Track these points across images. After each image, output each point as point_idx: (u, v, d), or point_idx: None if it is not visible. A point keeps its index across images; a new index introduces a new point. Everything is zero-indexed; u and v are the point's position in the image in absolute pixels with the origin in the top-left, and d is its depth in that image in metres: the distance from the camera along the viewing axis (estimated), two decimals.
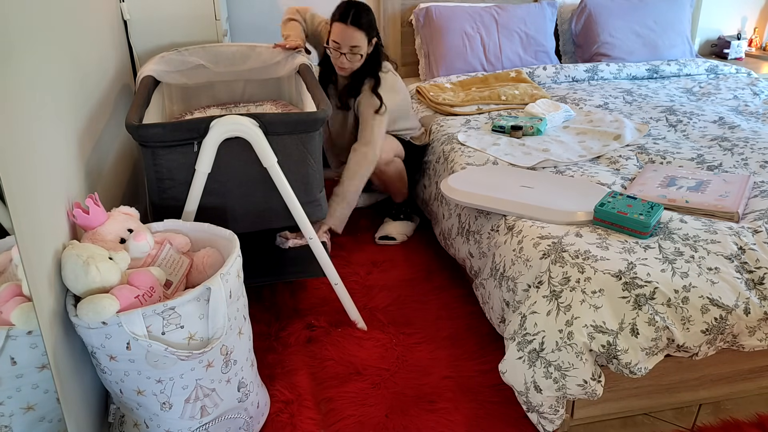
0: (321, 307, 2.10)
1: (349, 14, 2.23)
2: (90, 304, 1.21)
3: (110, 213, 1.47)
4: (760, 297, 1.50)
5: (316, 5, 3.25)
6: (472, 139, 2.33)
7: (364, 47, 2.28)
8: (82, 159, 1.61)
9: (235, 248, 1.44)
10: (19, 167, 1.13)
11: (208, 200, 1.69)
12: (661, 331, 1.44)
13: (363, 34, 2.25)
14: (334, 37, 2.27)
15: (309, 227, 1.80)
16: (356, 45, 2.26)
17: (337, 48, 2.28)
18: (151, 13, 2.39)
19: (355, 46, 2.26)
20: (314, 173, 1.77)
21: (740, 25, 3.89)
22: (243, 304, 1.47)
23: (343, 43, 2.26)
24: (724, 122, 2.43)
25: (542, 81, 3.04)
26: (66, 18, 1.64)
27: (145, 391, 1.32)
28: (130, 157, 2.22)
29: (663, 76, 3.15)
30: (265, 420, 1.62)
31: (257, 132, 1.63)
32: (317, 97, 1.87)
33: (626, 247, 1.57)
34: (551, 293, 1.50)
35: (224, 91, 2.45)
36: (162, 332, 1.26)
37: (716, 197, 1.76)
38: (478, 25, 3.13)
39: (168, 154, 1.63)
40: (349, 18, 2.23)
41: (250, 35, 3.21)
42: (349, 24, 2.23)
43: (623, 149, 2.21)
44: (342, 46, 2.26)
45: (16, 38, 1.22)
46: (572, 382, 1.44)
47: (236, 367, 1.45)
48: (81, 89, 1.70)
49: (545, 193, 1.83)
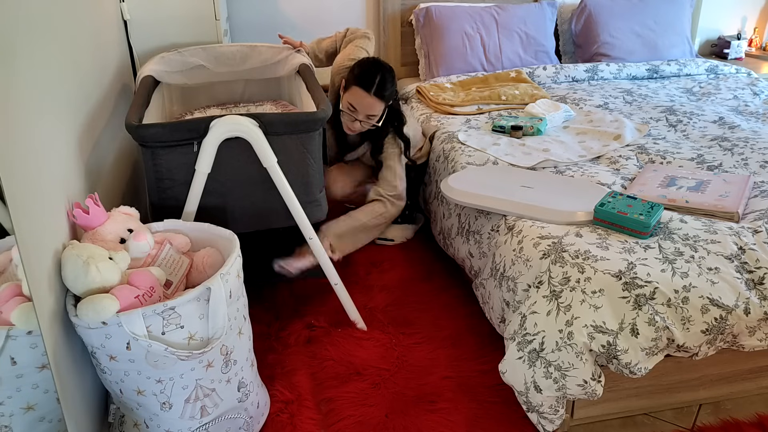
0: (321, 307, 2.10)
1: (374, 84, 2.06)
2: (90, 304, 1.21)
3: (110, 213, 1.47)
4: (760, 297, 1.50)
5: (318, 5, 3.26)
6: (473, 139, 2.33)
7: (380, 113, 2.13)
8: (82, 159, 1.61)
9: (235, 248, 1.44)
10: (19, 167, 1.13)
11: (208, 200, 1.69)
12: (661, 331, 1.44)
13: (383, 105, 2.11)
14: (351, 100, 2.10)
15: (309, 227, 1.80)
16: (374, 114, 2.12)
17: (352, 112, 2.12)
18: (151, 13, 2.39)
19: (372, 115, 2.12)
20: (314, 173, 1.77)
21: (740, 25, 3.89)
22: (243, 304, 1.47)
23: (360, 110, 2.11)
24: (724, 122, 2.43)
25: (542, 81, 3.04)
26: (66, 18, 1.64)
27: (145, 391, 1.32)
28: (130, 157, 2.22)
29: (663, 76, 3.15)
30: (265, 420, 1.62)
31: (257, 132, 1.63)
32: (317, 97, 1.87)
33: (626, 247, 1.57)
34: (551, 293, 1.50)
35: (224, 91, 2.45)
36: (162, 332, 1.26)
37: (716, 197, 1.76)
38: (478, 25, 3.13)
39: (168, 154, 1.63)
40: (373, 88, 2.06)
41: (250, 35, 3.21)
42: (372, 94, 2.07)
43: (623, 149, 2.21)
44: (359, 113, 2.11)
45: (16, 38, 1.22)
46: (572, 382, 1.44)
47: (236, 367, 1.45)
48: (81, 89, 1.70)
49: (545, 193, 1.83)
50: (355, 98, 2.09)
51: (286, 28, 3.26)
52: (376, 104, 2.09)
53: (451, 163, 2.22)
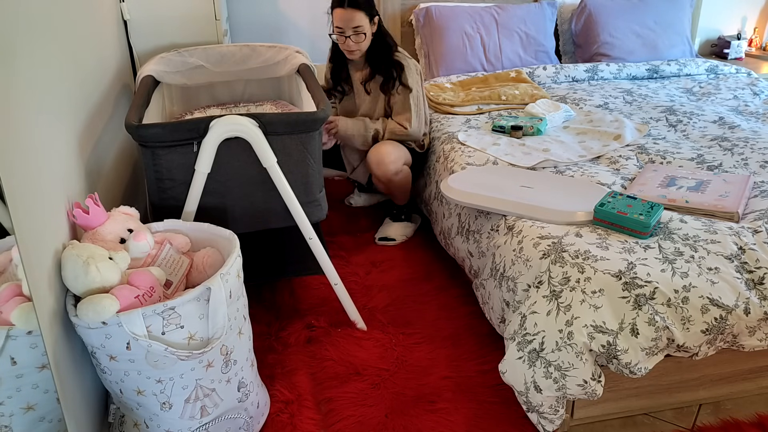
0: (321, 307, 2.10)
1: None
2: (90, 304, 1.21)
3: (110, 213, 1.47)
4: (760, 297, 1.50)
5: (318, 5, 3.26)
6: (472, 139, 2.33)
7: (366, 26, 2.31)
8: (82, 159, 1.61)
9: (235, 248, 1.44)
10: (19, 167, 1.13)
11: (208, 200, 1.69)
12: (661, 331, 1.44)
13: (363, 14, 2.29)
14: (336, 23, 2.32)
15: (309, 227, 1.80)
16: (358, 25, 2.29)
17: (341, 33, 2.32)
18: (151, 13, 2.39)
19: (357, 26, 2.29)
20: (314, 173, 1.77)
21: (740, 25, 3.89)
22: (243, 304, 1.47)
23: (345, 27, 2.30)
24: (724, 122, 2.43)
25: (542, 81, 3.04)
26: (66, 18, 1.64)
27: (145, 391, 1.32)
28: (130, 157, 2.22)
29: (663, 76, 3.15)
30: (265, 420, 1.62)
31: (257, 132, 1.63)
32: (317, 97, 1.87)
33: (626, 247, 1.57)
34: (551, 293, 1.50)
35: (224, 91, 2.45)
36: (162, 332, 1.26)
37: (716, 197, 1.76)
38: (478, 25, 3.13)
39: (168, 154, 1.63)
40: (345, 1, 2.27)
41: (250, 35, 3.21)
42: (347, 7, 2.27)
43: (623, 149, 2.21)
44: (345, 30, 2.30)
45: (16, 38, 1.22)
46: (572, 382, 1.44)
47: (236, 367, 1.45)
48: (81, 89, 1.70)
49: (545, 193, 1.83)
50: (337, 18, 2.31)
51: (286, 28, 3.26)
52: (356, 14, 2.28)
53: (450, 163, 2.22)
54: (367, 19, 2.30)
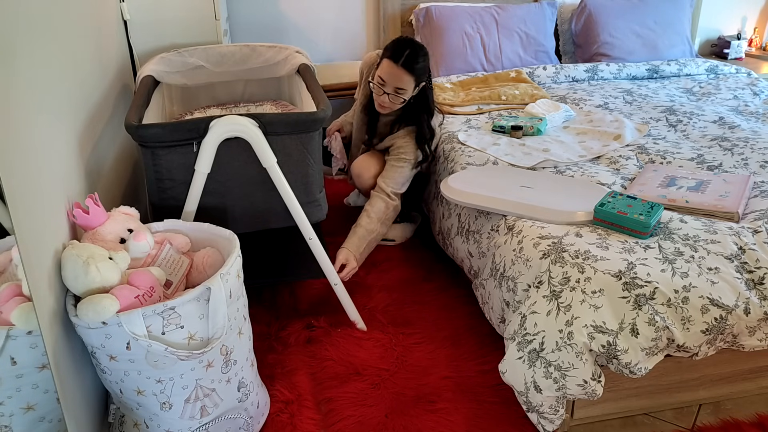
0: (321, 307, 2.10)
1: (403, 55, 2.09)
2: (90, 304, 1.21)
3: (110, 213, 1.47)
4: (760, 297, 1.50)
5: (318, 5, 3.26)
6: (473, 139, 2.33)
7: (409, 91, 2.16)
8: (81, 159, 1.61)
9: (235, 248, 1.44)
10: (19, 167, 1.13)
11: (208, 200, 1.69)
12: (661, 331, 1.44)
13: (412, 78, 2.13)
14: (381, 73, 2.15)
15: (309, 227, 1.80)
16: (402, 88, 2.14)
17: (381, 85, 2.16)
18: (151, 13, 2.39)
19: (400, 89, 2.14)
20: (314, 173, 1.77)
21: (740, 25, 3.89)
22: (243, 304, 1.47)
23: (388, 83, 2.14)
24: (724, 122, 2.43)
25: (542, 81, 3.04)
26: (66, 18, 1.64)
27: (145, 391, 1.32)
28: (130, 157, 2.22)
29: (663, 76, 3.15)
30: (265, 420, 1.62)
31: (257, 132, 1.63)
32: (317, 97, 1.87)
33: (626, 247, 1.57)
34: (551, 293, 1.50)
35: (224, 92, 2.45)
36: (162, 332, 1.26)
37: (716, 197, 1.76)
38: (478, 25, 3.13)
39: (167, 154, 1.63)
40: (401, 59, 2.09)
41: (250, 35, 3.21)
42: (400, 65, 2.09)
43: (623, 149, 2.21)
44: (387, 85, 2.15)
45: (16, 38, 1.22)
46: (572, 382, 1.44)
47: (236, 367, 1.45)
48: (81, 89, 1.70)
49: (545, 193, 1.83)
50: (383, 70, 2.14)
51: (286, 28, 3.26)
52: (404, 76, 2.11)
53: (450, 163, 2.22)
54: (413, 84, 2.14)
